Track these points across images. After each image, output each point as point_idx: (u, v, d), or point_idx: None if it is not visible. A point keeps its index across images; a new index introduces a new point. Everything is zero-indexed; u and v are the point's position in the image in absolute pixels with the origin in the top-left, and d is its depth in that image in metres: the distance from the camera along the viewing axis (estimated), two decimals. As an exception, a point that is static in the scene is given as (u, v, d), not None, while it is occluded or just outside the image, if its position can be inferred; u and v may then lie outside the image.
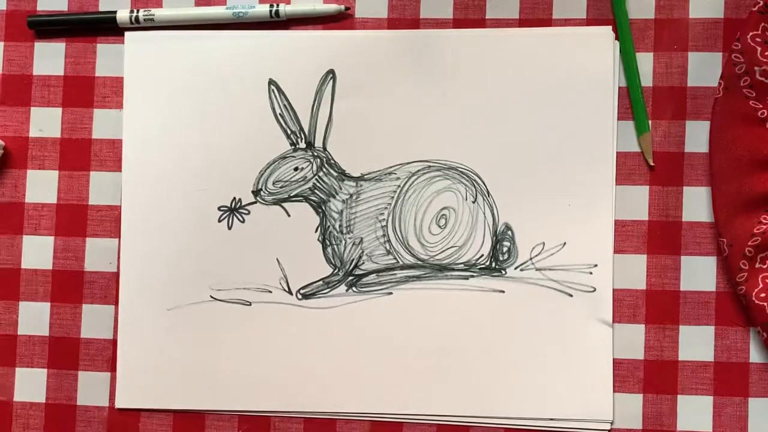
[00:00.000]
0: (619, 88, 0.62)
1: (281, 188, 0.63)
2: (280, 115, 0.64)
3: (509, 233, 0.62)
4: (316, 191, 0.63)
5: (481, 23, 0.63)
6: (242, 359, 0.62)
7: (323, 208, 0.63)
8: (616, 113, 0.62)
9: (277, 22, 0.64)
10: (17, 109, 0.66)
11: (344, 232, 0.63)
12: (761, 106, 0.59)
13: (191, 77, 0.64)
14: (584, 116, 0.62)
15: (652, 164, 0.61)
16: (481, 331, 0.61)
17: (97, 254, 0.64)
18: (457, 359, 0.61)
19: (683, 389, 0.60)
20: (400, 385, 0.61)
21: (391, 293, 0.62)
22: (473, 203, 0.62)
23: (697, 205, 0.61)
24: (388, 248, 0.63)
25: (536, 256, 0.61)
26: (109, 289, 0.64)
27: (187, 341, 0.63)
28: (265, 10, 0.64)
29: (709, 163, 0.60)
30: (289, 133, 0.63)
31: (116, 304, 0.64)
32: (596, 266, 0.61)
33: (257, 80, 0.64)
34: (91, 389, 0.64)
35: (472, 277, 0.62)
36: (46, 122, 0.65)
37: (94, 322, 0.64)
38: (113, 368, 0.64)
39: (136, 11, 0.65)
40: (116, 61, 0.65)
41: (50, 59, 0.65)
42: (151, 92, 0.65)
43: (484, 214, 0.62)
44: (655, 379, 0.60)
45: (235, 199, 0.63)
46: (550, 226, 0.61)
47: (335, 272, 0.63)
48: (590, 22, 0.62)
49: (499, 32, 0.63)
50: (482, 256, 0.62)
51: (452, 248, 0.62)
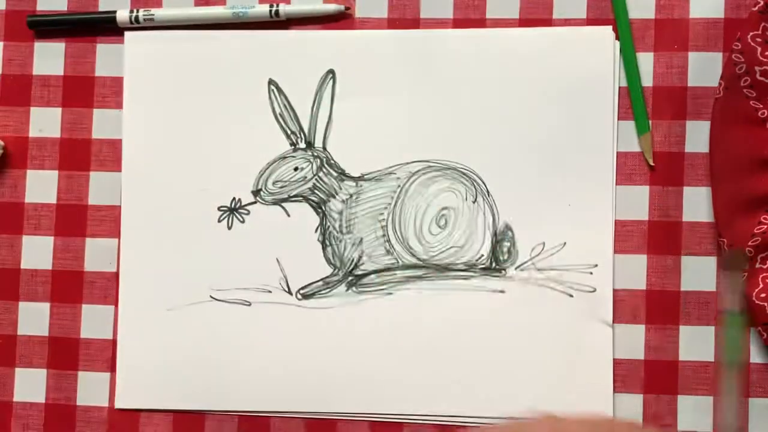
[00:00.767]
0: (619, 88, 0.62)
1: (281, 188, 0.63)
2: (280, 115, 0.64)
3: (509, 233, 0.62)
4: (316, 191, 0.63)
5: (481, 23, 0.63)
6: (242, 359, 0.62)
7: (323, 208, 0.63)
8: (616, 113, 0.62)
9: (277, 22, 0.64)
10: (17, 109, 0.66)
11: (344, 232, 0.63)
12: (761, 106, 0.59)
13: (191, 77, 0.64)
14: (584, 116, 0.62)
15: (652, 164, 0.61)
16: (481, 331, 0.61)
17: (97, 254, 0.64)
18: (457, 359, 0.61)
19: (683, 389, 0.60)
20: (400, 385, 0.61)
21: (391, 293, 0.62)
22: (473, 203, 0.62)
23: (697, 205, 0.61)
24: (388, 248, 0.62)
25: (536, 256, 0.61)
26: (109, 289, 0.64)
27: (187, 341, 0.63)
28: (265, 10, 0.64)
29: (709, 163, 0.60)
30: (289, 133, 0.63)
31: (116, 304, 0.64)
32: (596, 266, 0.61)
33: (257, 80, 0.64)
34: (91, 389, 0.64)
35: (472, 277, 0.62)
36: (46, 122, 0.65)
37: (94, 322, 0.64)
38: (113, 368, 0.64)
39: (136, 11, 0.64)
40: (116, 61, 0.65)
41: (50, 59, 0.65)
42: (151, 92, 0.64)
43: (484, 214, 0.62)
44: (655, 379, 0.60)
45: (235, 199, 0.63)
46: (550, 226, 0.61)
47: (335, 272, 0.63)
48: (590, 22, 0.62)
49: (499, 32, 0.63)
50: (482, 256, 0.62)
51: (452, 248, 0.62)
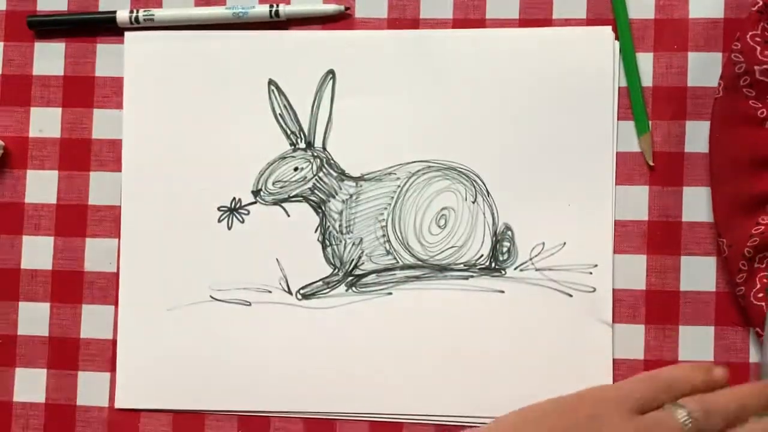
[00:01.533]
0: (619, 88, 0.62)
1: (281, 188, 0.63)
2: (280, 115, 0.64)
3: (509, 233, 0.62)
4: (315, 191, 0.63)
5: (481, 23, 0.63)
6: (242, 359, 0.62)
7: (323, 208, 0.63)
8: (616, 113, 0.61)
9: (277, 22, 0.64)
10: (17, 109, 0.66)
11: (344, 232, 0.63)
12: (761, 105, 0.59)
13: (191, 77, 0.64)
14: (584, 116, 0.62)
15: (652, 164, 0.61)
16: (480, 331, 0.61)
17: (97, 254, 0.64)
18: (456, 359, 0.61)
19: (683, 389, 0.60)
20: (400, 385, 0.61)
21: (391, 293, 0.62)
22: (473, 203, 0.62)
23: (697, 205, 0.61)
24: (387, 248, 0.62)
25: (536, 256, 0.61)
26: (109, 289, 0.64)
27: (186, 341, 0.63)
28: (265, 10, 0.64)
29: (709, 163, 0.60)
30: (288, 133, 0.63)
31: (116, 304, 0.64)
32: (596, 266, 0.61)
33: (257, 80, 0.64)
34: (91, 389, 0.64)
35: (471, 277, 0.62)
36: (46, 122, 0.65)
37: (94, 322, 0.64)
38: (113, 368, 0.64)
39: (136, 11, 0.64)
40: (116, 61, 0.65)
41: (50, 59, 0.65)
42: (151, 92, 0.64)
43: (483, 214, 0.62)
44: (655, 379, 0.60)
45: (235, 199, 0.63)
46: (550, 226, 0.61)
47: (335, 272, 0.63)
48: (590, 22, 0.62)
49: (499, 32, 0.63)
50: (482, 256, 0.62)
51: (452, 248, 0.62)
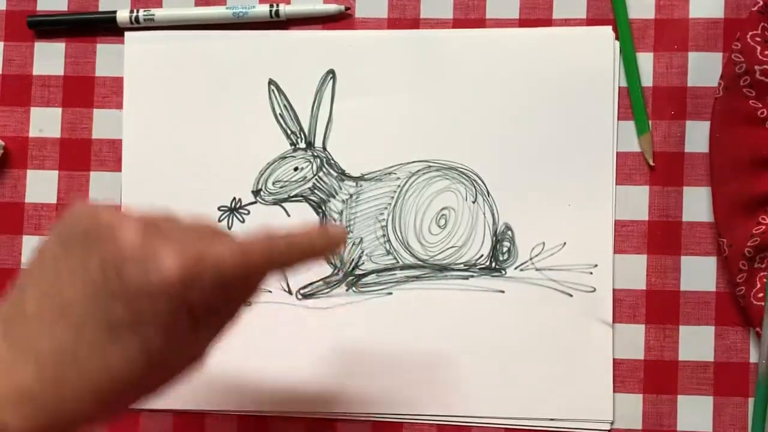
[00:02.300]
0: (619, 88, 0.62)
1: (281, 188, 0.63)
2: (280, 115, 0.64)
3: (509, 233, 0.62)
4: (315, 191, 0.63)
5: (481, 23, 0.63)
6: (242, 359, 0.62)
7: (323, 208, 0.63)
8: (616, 113, 0.62)
9: (277, 22, 0.64)
10: (17, 109, 0.66)
11: (344, 232, 0.63)
12: (761, 105, 0.59)
13: (191, 77, 0.64)
14: (584, 116, 0.62)
15: (652, 164, 0.61)
16: (480, 331, 0.61)
17: (97, 254, 0.64)
18: (456, 359, 0.61)
19: (683, 389, 0.60)
20: (400, 385, 0.61)
21: (391, 293, 0.62)
22: (473, 203, 0.62)
23: (697, 205, 0.61)
24: (388, 248, 0.62)
25: (536, 256, 0.61)
26: (109, 289, 0.64)
27: (187, 341, 0.63)
28: (265, 10, 0.64)
29: (709, 163, 0.60)
30: (289, 133, 0.63)
31: (116, 304, 0.64)
32: (596, 266, 0.61)
33: (257, 80, 0.64)
34: (91, 389, 0.64)
35: (472, 277, 0.62)
36: (46, 122, 0.65)
37: (94, 322, 0.64)
38: (113, 368, 0.63)
39: (136, 11, 0.64)
40: (116, 61, 0.65)
41: (50, 59, 0.65)
42: (151, 92, 0.64)
43: (484, 214, 0.62)
44: (655, 379, 0.60)
45: (235, 199, 0.63)
46: (550, 226, 0.61)
47: (335, 272, 0.63)
48: (590, 22, 0.62)
49: (499, 32, 0.63)
50: (482, 256, 0.62)
51: (452, 248, 0.62)
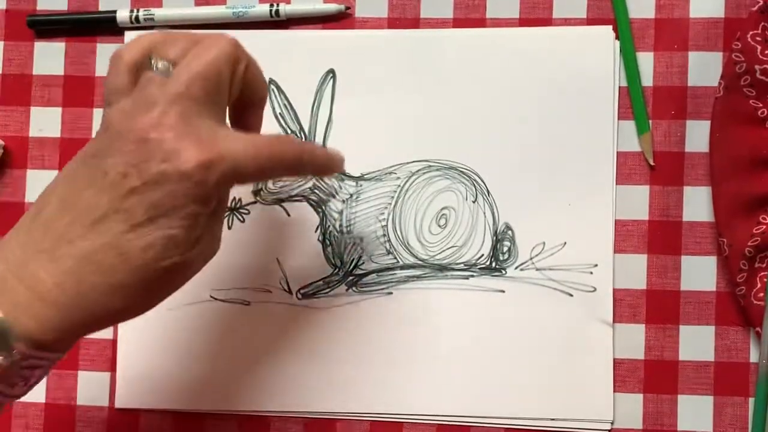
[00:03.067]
0: (619, 87, 0.62)
1: (281, 188, 0.63)
2: (280, 114, 0.63)
3: (509, 233, 0.62)
4: (315, 191, 0.63)
5: (481, 23, 0.63)
6: (242, 359, 0.62)
7: (323, 207, 0.63)
8: (616, 113, 0.61)
9: (277, 21, 0.64)
10: (17, 109, 0.66)
11: (344, 232, 0.63)
12: (761, 105, 0.59)
13: (191, 77, 0.64)
14: (584, 116, 0.62)
15: (652, 164, 0.61)
16: (481, 331, 0.61)
17: (97, 254, 0.64)
18: (457, 359, 0.61)
19: (683, 389, 0.60)
20: (400, 385, 0.61)
21: (391, 293, 0.62)
22: (473, 203, 0.62)
23: (697, 205, 0.61)
24: (388, 248, 0.62)
25: (536, 255, 0.61)
26: (109, 289, 0.64)
27: (187, 341, 0.63)
28: (265, 9, 0.64)
29: (709, 162, 0.60)
30: (289, 132, 0.63)
31: (116, 304, 0.64)
32: (596, 266, 0.61)
33: (257, 80, 0.64)
34: (91, 389, 0.64)
35: (472, 276, 0.62)
36: (46, 122, 0.65)
37: (94, 322, 0.64)
38: (113, 368, 0.64)
39: (136, 11, 0.64)
40: (116, 61, 0.65)
41: (50, 59, 0.65)
42: (151, 92, 0.64)
43: (484, 214, 0.62)
44: (655, 379, 0.60)
45: (235, 198, 0.63)
46: (550, 226, 0.61)
47: (335, 272, 0.63)
48: (590, 22, 0.62)
49: (499, 32, 0.63)
50: (482, 255, 0.62)
51: (452, 248, 0.62)
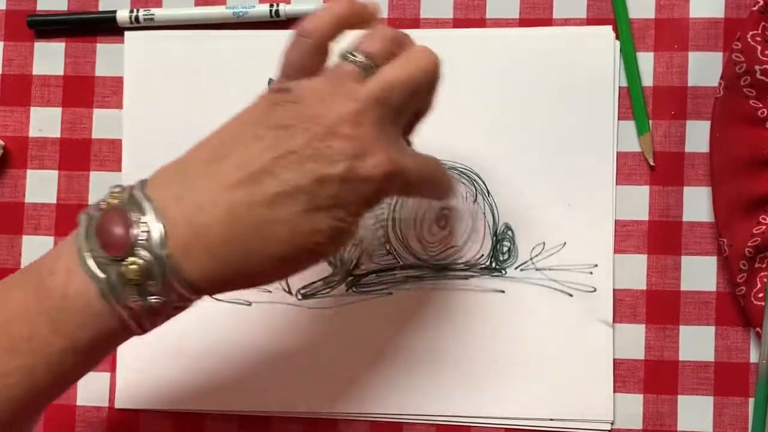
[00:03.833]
0: (619, 88, 0.62)
1: (281, 188, 0.63)
2: (280, 115, 0.63)
3: (509, 233, 0.62)
4: (316, 191, 0.63)
5: (481, 23, 0.63)
6: (242, 359, 0.62)
7: (323, 208, 0.63)
8: (616, 113, 0.61)
9: (277, 22, 0.64)
10: (17, 109, 0.66)
11: (344, 232, 0.63)
12: (761, 105, 0.59)
13: (191, 77, 0.64)
14: (584, 116, 0.62)
15: (652, 164, 0.61)
16: (481, 331, 0.61)
17: (97, 254, 0.64)
18: (456, 359, 0.61)
19: (683, 389, 0.60)
20: (400, 385, 0.61)
21: (391, 293, 0.62)
22: (473, 203, 0.62)
23: (697, 205, 0.61)
24: (388, 248, 0.62)
25: (536, 256, 0.61)
26: (109, 289, 0.64)
27: (187, 341, 0.63)
28: (265, 10, 0.64)
29: (709, 162, 0.60)
30: (289, 133, 0.63)
31: (116, 304, 0.64)
32: (596, 266, 0.61)
33: (257, 80, 0.64)
34: (90, 389, 0.64)
35: (472, 277, 0.62)
36: (46, 122, 0.65)
37: (94, 322, 0.64)
38: (113, 368, 0.64)
39: (136, 11, 0.64)
40: (116, 61, 0.65)
41: (50, 59, 0.65)
42: (151, 92, 0.64)
43: (484, 214, 0.62)
44: (655, 379, 0.60)
45: (235, 199, 0.63)
46: (550, 226, 0.61)
47: (335, 272, 0.63)
48: (590, 22, 0.62)
49: (499, 32, 0.63)
50: (482, 256, 0.62)
51: (452, 248, 0.62)
